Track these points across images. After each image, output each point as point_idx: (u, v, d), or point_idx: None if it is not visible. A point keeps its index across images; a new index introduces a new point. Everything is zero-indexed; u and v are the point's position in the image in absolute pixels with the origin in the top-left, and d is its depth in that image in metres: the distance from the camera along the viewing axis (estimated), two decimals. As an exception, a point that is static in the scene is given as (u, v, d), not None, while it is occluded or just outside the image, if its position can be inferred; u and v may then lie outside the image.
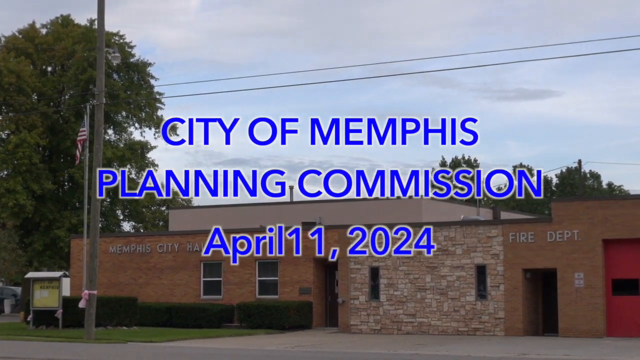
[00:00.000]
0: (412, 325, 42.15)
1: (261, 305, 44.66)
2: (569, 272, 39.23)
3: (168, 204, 77.11)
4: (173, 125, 73.56)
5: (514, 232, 40.53)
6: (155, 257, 49.42)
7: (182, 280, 48.54)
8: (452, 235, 41.76)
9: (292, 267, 45.79)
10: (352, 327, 43.31)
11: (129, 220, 76.82)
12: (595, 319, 38.64)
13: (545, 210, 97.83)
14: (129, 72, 72.01)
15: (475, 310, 40.95)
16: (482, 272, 41.06)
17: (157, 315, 46.86)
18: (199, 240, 48.23)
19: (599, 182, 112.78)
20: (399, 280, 42.69)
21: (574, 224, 39.41)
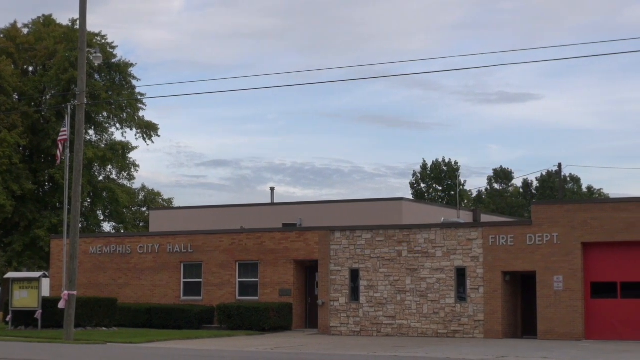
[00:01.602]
0: (392, 327, 42.23)
1: (241, 307, 44.65)
2: (548, 275, 39.40)
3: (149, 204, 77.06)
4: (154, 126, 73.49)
5: (493, 235, 40.68)
6: (135, 258, 49.35)
7: (162, 281, 48.49)
8: (432, 238, 41.87)
9: (272, 268, 45.83)
10: (332, 329, 43.36)
11: (109, 221, 76.63)
12: (574, 321, 38.81)
13: (525, 214, 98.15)
14: (111, 72, 71.82)
15: (455, 312, 41.08)
16: (462, 275, 41.19)
17: (137, 316, 46.80)
18: (180, 241, 48.22)
19: (579, 186, 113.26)
20: (379, 282, 42.77)
21: (553, 227, 39.57)
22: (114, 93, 71.41)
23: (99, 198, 72.62)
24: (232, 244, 47.01)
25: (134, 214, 78.05)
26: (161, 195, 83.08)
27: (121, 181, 75.43)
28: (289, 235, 45.88)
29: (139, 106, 72.85)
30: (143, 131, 73.27)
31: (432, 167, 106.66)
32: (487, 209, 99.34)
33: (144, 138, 73.51)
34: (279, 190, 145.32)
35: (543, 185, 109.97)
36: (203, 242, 47.68)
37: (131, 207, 77.34)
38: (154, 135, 73.82)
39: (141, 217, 78.10)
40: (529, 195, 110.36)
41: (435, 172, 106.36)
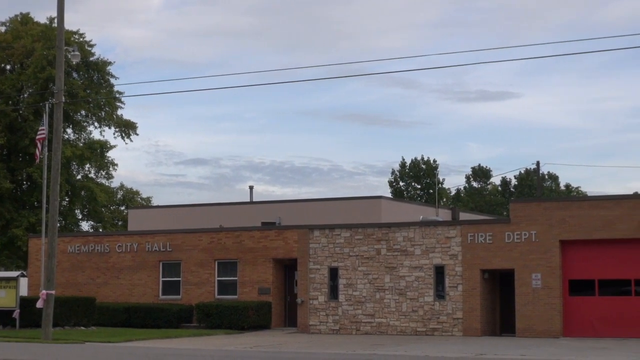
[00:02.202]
0: (371, 325, 42.29)
1: (220, 306, 44.62)
2: (526, 272, 39.54)
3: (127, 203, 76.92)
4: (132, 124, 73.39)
5: (472, 233, 40.79)
6: (113, 257, 49.24)
7: (140, 280, 48.40)
8: (411, 236, 41.96)
9: (252, 267, 45.81)
10: (311, 327, 43.39)
11: (87, 220, 76.51)
12: (552, 319, 38.97)
13: (504, 212, 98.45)
14: (89, 70, 71.72)
15: (434, 310, 41.17)
16: (441, 273, 41.28)
17: (116, 316, 46.69)
18: (158, 240, 48.13)
19: (557, 184, 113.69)
20: (358, 280, 42.82)
21: (531, 225, 39.72)
22: (92, 91, 71.32)
23: (77, 197, 72.48)
24: (211, 243, 46.96)
25: (112, 212, 77.94)
26: (140, 194, 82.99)
27: (99, 180, 75.38)
28: (268, 234, 45.88)
29: (118, 104, 72.81)
30: (121, 130, 73.22)
31: (411, 166, 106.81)
32: (466, 207, 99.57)
33: (123, 136, 73.48)
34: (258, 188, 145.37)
35: (521, 183, 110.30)
36: (182, 241, 47.61)
37: (109, 206, 77.24)
38: (133, 134, 73.83)
39: (120, 216, 77.97)
40: (507, 193, 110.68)
41: (414, 171, 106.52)
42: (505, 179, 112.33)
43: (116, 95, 71.92)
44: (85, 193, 72.38)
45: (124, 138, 73.55)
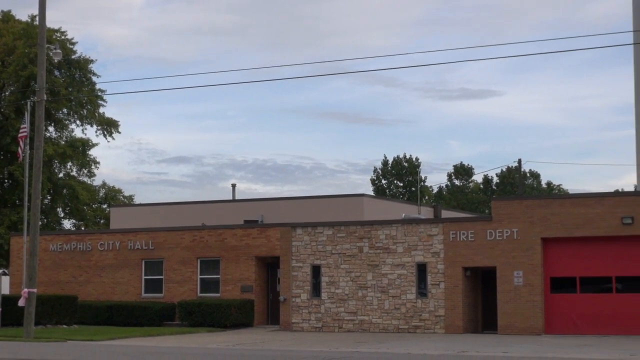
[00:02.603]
0: (353, 323, 42.35)
1: (203, 304, 44.61)
2: (508, 270, 39.67)
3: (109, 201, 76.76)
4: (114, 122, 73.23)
5: (454, 231, 40.90)
6: (96, 255, 49.14)
7: (123, 278, 48.32)
8: (393, 234, 42.03)
9: (234, 265, 45.80)
10: (294, 325, 43.42)
11: (69, 218, 76.32)
12: (533, 316, 39.12)
13: (486, 209, 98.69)
14: (71, 68, 71.48)
15: (416, 308, 41.27)
16: (423, 270, 41.37)
17: (98, 314, 46.62)
18: (141, 238, 48.07)
19: (539, 182, 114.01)
20: (340, 278, 42.88)
21: (513, 223, 39.85)
22: (74, 89, 71.07)
23: (59, 195, 72.28)
24: (193, 241, 46.93)
25: (94, 211, 77.74)
26: (122, 192, 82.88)
27: (81, 178, 75.15)
28: (251, 232, 45.89)
29: (100, 103, 72.59)
30: (103, 128, 73.03)
31: (393, 164, 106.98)
32: (448, 204, 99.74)
33: (105, 135, 73.29)
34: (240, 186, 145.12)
35: (503, 181, 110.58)
36: (164, 239, 47.56)
37: (92, 204, 77.04)
38: (115, 132, 73.62)
39: (102, 214, 77.80)
40: (489, 191, 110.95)
41: (396, 169, 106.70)
42: (487, 177, 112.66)
43: (98, 94, 71.73)
44: (67, 191, 72.18)
45: (106, 136, 73.37)
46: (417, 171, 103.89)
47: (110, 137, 73.57)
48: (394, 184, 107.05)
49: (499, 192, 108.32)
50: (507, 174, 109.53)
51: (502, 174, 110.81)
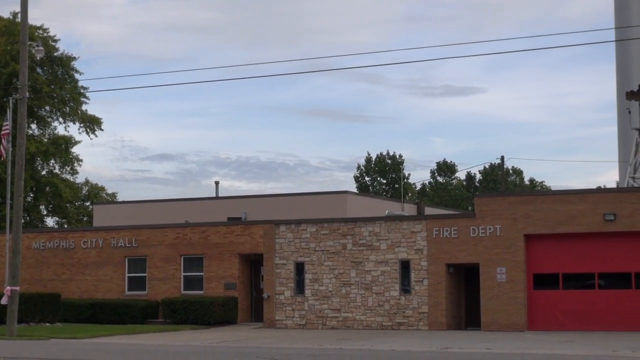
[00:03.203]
0: (337, 320, 42.38)
1: (186, 301, 44.57)
2: (491, 266, 39.76)
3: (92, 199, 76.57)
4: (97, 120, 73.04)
5: (437, 228, 40.96)
6: (79, 253, 49.02)
7: (106, 276, 48.22)
8: (377, 231, 42.06)
9: (217, 262, 45.77)
10: (277, 322, 43.42)
11: (52, 216, 76.12)
12: (516, 313, 39.22)
13: (469, 206, 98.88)
14: (53, 66, 71.28)
15: (399, 305, 41.32)
16: (406, 267, 41.42)
17: (81, 312, 46.51)
18: (124, 236, 47.99)
19: (522, 178, 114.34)
20: (324, 275, 42.89)
21: (496, 220, 39.94)
22: (57, 87, 70.89)
23: (42, 193, 72.08)
24: (176, 238, 46.88)
25: (77, 208, 77.54)
26: (105, 189, 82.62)
27: (64, 176, 74.95)
28: (234, 229, 45.87)
29: (82, 100, 72.41)
30: (86, 125, 72.84)
31: (377, 161, 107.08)
32: (431, 201, 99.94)
33: (87, 132, 73.10)
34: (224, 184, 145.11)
35: (486, 177, 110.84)
36: (147, 236, 47.49)
37: (74, 201, 76.83)
38: (98, 129, 73.45)
39: (85, 211, 77.60)
40: (472, 188, 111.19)
41: (379, 166, 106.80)
42: (470, 173, 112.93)
43: (81, 91, 71.56)
44: (50, 189, 71.99)
45: (89, 133, 73.18)
46: (400, 168, 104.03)
47: (93, 135, 73.41)
48: (378, 180, 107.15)
49: (482, 189, 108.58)
50: (490, 170, 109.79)
51: (485, 171, 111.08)
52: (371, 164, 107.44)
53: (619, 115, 61.99)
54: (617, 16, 62.49)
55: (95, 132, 73.39)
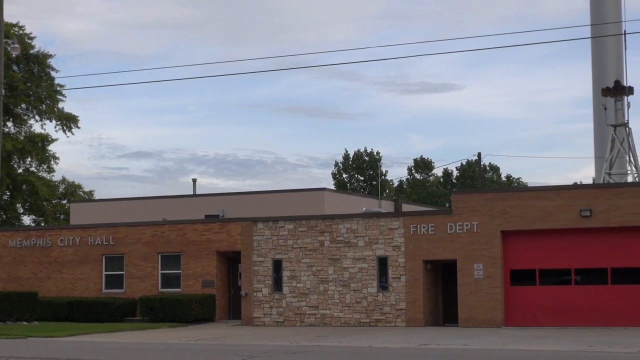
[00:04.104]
0: (315, 317, 42.43)
1: (164, 299, 44.49)
2: (468, 263, 39.90)
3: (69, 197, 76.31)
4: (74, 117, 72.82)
5: (414, 224, 41.05)
6: (56, 251, 48.85)
7: (83, 274, 48.07)
8: (354, 228, 42.12)
9: (195, 260, 45.70)
10: (255, 320, 43.43)
11: (29, 214, 75.81)
12: (493, 309, 39.37)
13: (446, 203, 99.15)
14: (29, 63, 71.02)
15: (377, 301, 41.40)
16: (384, 264, 41.51)
17: (58, 310, 46.35)
18: (101, 234, 47.84)
19: (499, 175, 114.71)
20: (301, 272, 42.93)
21: (473, 216, 40.08)
22: (33, 84, 70.62)
23: (19, 191, 71.78)
24: (154, 236, 46.79)
25: (54, 206, 77.24)
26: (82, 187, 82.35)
27: (41, 174, 74.69)
28: (212, 227, 45.81)
29: (59, 97, 72.17)
30: (63, 123, 72.59)
31: (354, 158, 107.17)
32: (409, 198, 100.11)
33: (64, 130, 72.85)
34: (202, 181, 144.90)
35: (463, 174, 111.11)
36: (125, 234, 47.38)
37: (51, 199, 76.54)
38: (74, 127, 73.22)
39: (62, 209, 77.31)
40: (449, 185, 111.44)
41: (357, 163, 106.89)
42: (447, 170, 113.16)
43: (57, 89, 71.31)
44: (26, 187, 71.71)
45: (66, 131, 72.96)
46: (377, 165, 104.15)
47: (69, 132, 73.19)
48: (355, 177, 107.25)
49: (459, 186, 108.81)
50: (467, 167, 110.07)
51: (462, 168, 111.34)
52: (349, 161, 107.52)
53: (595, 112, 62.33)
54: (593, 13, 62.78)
55: (72, 129, 73.19)
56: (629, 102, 52.61)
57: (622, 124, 52.49)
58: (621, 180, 52.27)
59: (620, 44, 59.20)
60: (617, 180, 51.74)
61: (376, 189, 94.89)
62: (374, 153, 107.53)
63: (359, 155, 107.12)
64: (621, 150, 52.71)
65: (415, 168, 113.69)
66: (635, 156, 52.58)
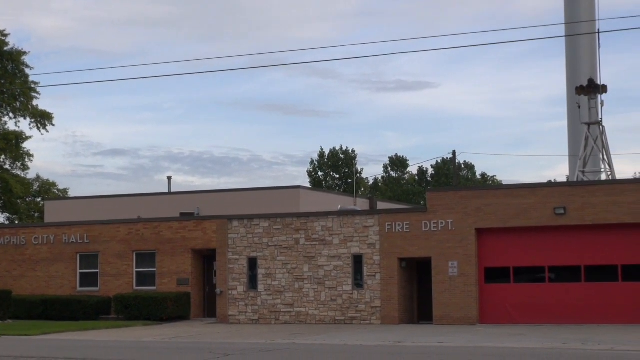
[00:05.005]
0: (290, 315, 42.45)
1: (139, 297, 44.41)
2: (443, 261, 40.01)
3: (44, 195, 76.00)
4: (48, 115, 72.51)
5: (389, 222, 41.13)
6: (30, 249, 48.66)
7: (58, 272, 47.91)
8: (330, 225, 42.17)
9: (170, 258, 45.63)
10: (230, 318, 43.42)
11: (3, 212, 75.45)
12: (468, 306, 39.50)
13: (421, 201, 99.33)
14: (3, 60, 70.63)
15: (352, 299, 41.46)
16: (359, 262, 41.56)
17: (33, 308, 46.18)
18: (75, 232, 47.68)
19: (473, 173, 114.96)
20: (277, 270, 42.94)
21: (448, 214, 40.19)
22: (7, 82, 70.24)
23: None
24: (129, 234, 46.68)
25: (28, 204, 76.91)
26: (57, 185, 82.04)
27: (15, 171, 74.31)
28: (187, 225, 45.75)
29: (33, 95, 71.80)
30: (37, 120, 72.26)
31: (330, 155, 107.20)
32: (384, 196, 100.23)
33: (38, 127, 72.51)
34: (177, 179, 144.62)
35: (438, 172, 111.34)
36: (99, 232, 47.24)
37: (25, 197, 76.19)
38: (49, 125, 72.87)
39: (36, 207, 76.99)
40: (424, 183, 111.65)
41: (332, 160, 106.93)
42: (422, 168, 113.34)
43: (31, 86, 70.97)
44: (0, 185, 71.34)
45: (40, 129, 72.63)
46: (353, 163, 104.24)
47: (44, 130, 72.85)
48: (330, 175, 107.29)
49: (434, 184, 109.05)
50: (442, 165, 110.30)
51: (437, 166, 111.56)
52: (324, 159, 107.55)
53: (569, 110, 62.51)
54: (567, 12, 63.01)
55: (46, 127, 72.85)
56: (602, 100, 52.86)
57: (595, 122, 52.73)
58: (595, 178, 52.48)
59: (594, 43, 59.44)
60: (590, 178, 51.96)
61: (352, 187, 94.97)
62: (350, 151, 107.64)
63: (335, 153, 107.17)
64: (595, 148, 52.94)
65: (391, 166, 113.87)
66: (609, 154, 52.82)
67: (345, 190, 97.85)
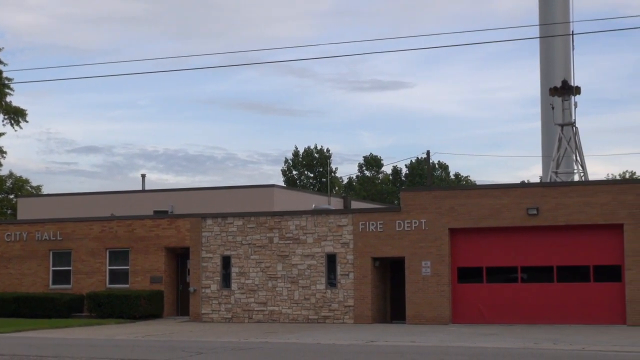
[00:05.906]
0: (264, 313, 42.45)
1: (111, 295, 44.29)
2: (416, 260, 40.11)
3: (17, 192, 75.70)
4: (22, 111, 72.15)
5: (363, 222, 41.20)
6: (2, 246, 48.40)
7: (30, 269, 47.69)
8: (303, 224, 42.20)
9: (143, 256, 45.53)
10: (204, 316, 43.37)
11: (-25, 209, 75.12)
12: (441, 306, 39.62)
13: (395, 200, 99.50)
14: (-24, 56, 70.27)
15: (326, 298, 41.51)
16: (333, 261, 41.61)
17: (4, 306, 45.95)
18: (48, 229, 47.49)
19: (447, 173, 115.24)
20: (250, 268, 42.94)
21: (421, 214, 40.29)
22: (-20, 78, 69.82)
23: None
24: (102, 232, 46.53)
25: (1, 201, 76.59)
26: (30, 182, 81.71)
27: (-12, 168, 73.90)
28: (160, 222, 45.66)
29: (7, 91, 71.40)
30: (10, 117, 71.86)
31: (304, 154, 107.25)
32: (358, 195, 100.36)
33: (12, 124, 72.13)
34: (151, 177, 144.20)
35: (412, 172, 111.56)
36: (72, 229, 47.07)
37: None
38: (23, 121, 72.47)
39: (9, 204, 76.68)
40: (398, 182, 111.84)
41: (307, 159, 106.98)
42: (397, 168, 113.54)
43: (5, 82, 70.60)
44: (-28, 181, 71.04)
45: (13, 125, 72.26)
46: (327, 162, 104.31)
47: (17, 127, 72.46)
48: (305, 174, 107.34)
49: (408, 183, 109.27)
50: (416, 165, 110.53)
51: (411, 165, 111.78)
52: (299, 158, 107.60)
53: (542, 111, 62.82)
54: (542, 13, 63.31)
55: (20, 123, 72.42)
56: (576, 101, 53.21)
57: (569, 124, 53.05)
58: (568, 179, 52.79)
59: (568, 45, 59.75)
60: (563, 179, 52.26)
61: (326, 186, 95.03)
62: (324, 150, 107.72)
63: (309, 152, 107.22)
64: (568, 149, 53.25)
65: (365, 165, 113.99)
66: (582, 155, 53.15)
67: (320, 190, 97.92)
